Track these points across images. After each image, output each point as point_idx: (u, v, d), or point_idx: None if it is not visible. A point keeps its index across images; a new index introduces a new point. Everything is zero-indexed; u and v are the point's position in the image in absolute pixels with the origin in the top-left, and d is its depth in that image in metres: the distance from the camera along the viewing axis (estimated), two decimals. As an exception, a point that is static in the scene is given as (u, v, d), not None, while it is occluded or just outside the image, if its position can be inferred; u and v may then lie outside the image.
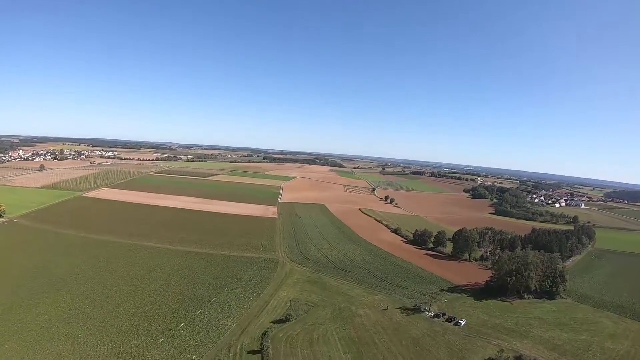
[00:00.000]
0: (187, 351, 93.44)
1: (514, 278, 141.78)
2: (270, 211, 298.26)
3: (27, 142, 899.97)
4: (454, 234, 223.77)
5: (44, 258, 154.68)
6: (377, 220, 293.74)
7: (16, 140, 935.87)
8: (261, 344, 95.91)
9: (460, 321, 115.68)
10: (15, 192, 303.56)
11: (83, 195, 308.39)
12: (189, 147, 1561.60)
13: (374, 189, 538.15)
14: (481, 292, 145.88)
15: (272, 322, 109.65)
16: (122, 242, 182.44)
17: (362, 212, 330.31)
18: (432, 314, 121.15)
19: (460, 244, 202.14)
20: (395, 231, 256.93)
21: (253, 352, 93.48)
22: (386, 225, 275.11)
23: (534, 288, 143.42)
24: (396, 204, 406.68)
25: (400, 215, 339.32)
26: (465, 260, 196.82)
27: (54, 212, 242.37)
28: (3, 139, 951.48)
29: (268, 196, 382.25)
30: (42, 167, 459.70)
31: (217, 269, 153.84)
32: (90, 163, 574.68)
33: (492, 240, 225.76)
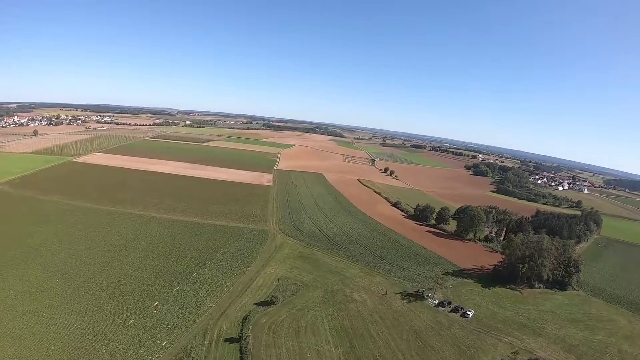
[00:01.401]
0: (158, 336, 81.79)
1: (526, 265, 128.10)
2: (265, 178, 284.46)
3: (25, 108, 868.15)
4: (458, 211, 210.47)
5: (20, 227, 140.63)
6: (376, 192, 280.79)
7: (14, 106, 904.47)
8: (241, 330, 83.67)
9: (468, 312, 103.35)
10: (3, 158, 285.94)
11: (73, 160, 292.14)
12: (189, 113, 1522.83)
13: (373, 160, 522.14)
14: (489, 278, 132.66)
15: (255, 303, 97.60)
16: (105, 210, 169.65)
17: (361, 183, 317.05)
18: (437, 302, 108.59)
19: (465, 223, 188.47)
20: (395, 205, 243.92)
21: (231, 340, 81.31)
22: (385, 198, 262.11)
23: (546, 277, 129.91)
24: (396, 176, 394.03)
25: (400, 188, 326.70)
26: (470, 240, 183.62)
27: (40, 177, 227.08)
28: (0, 105, 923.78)
29: (264, 163, 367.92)
30: (35, 133, 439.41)
31: (201, 240, 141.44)
32: (86, 128, 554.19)
33: (495, 220, 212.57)
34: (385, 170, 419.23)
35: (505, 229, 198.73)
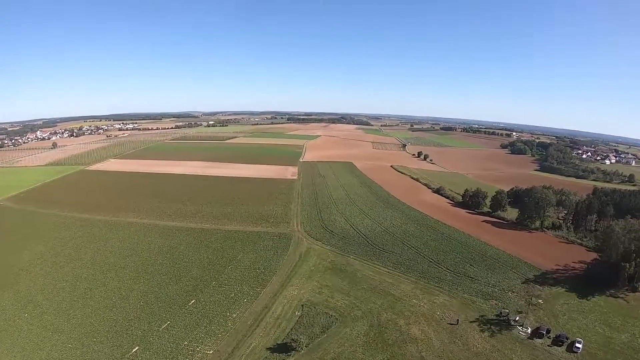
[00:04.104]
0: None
1: (634, 264, 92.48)
2: (290, 172, 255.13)
3: (50, 123, 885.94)
4: (518, 193, 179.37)
5: (7, 247, 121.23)
6: (413, 179, 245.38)
7: (39, 123, 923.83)
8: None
9: (576, 343, 69.43)
10: (16, 172, 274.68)
11: (86, 168, 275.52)
12: (213, 114, 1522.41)
13: (404, 145, 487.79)
14: (581, 283, 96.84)
15: (269, 348, 67.69)
16: (104, 220, 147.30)
17: (395, 169, 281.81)
18: (530, 331, 74.65)
19: (530, 208, 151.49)
20: (438, 191, 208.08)
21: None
22: (425, 185, 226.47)
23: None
24: (431, 160, 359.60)
25: (438, 172, 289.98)
26: (536, 230, 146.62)
27: (46, 190, 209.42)
28: (27, 122, 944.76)
29: (289, 156, 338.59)
30: (54, 145, 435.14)
31: (208, 252, 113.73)
32: (107, 137, 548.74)
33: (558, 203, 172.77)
34: (419, 154, 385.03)
35: (573, 212, 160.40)
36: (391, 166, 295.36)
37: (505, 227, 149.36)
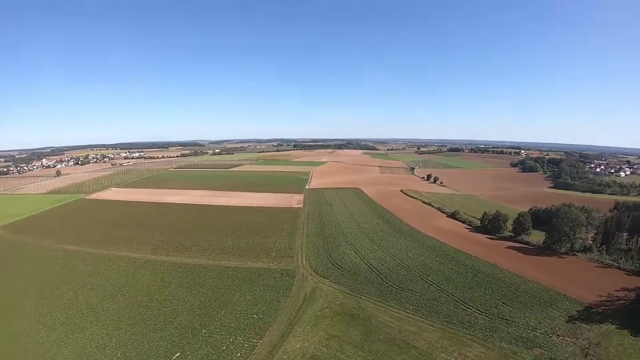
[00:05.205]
0: None
1: None
2: (295, 200, 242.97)
3: (57, 151, 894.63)
4: (543, 213, 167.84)
5: None
6: (425, 203, 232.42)
7: (47, 150, 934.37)
8: None
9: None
10: (16, 200, 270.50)
11: (86, 197, 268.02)
12: (220, 142, 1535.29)
13: (412, 169, 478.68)
14: (630, 317, 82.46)
15: None
16: (94, 254, 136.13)
17: (405, 194, 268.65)
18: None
19: (560, 231, 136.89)
20: (453, 216, 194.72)
21: None
22: (438, 209, 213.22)
23: None
24: (441, 182, 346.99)
25: (450, 195, 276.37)
26: (566, 254, 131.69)
27: (41, 219, 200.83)
28: (35, 150, 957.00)
29: (294, 183, 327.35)
30: (58, 173, 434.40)
31: (201, 292, 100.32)
32: (112, 165, 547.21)
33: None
34: (428, 177, 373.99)
35: (603, 231, 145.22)
36: (401, 190, 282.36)
37: (533, 252, 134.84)
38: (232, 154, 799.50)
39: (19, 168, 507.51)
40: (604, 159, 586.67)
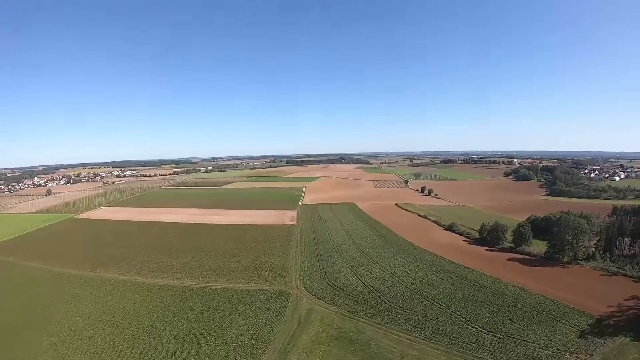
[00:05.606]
0: None
1: None
2: (288, 217, 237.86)
3: (49, 170, 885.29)
4: (544, 222, 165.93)
5: None
6: (420, 216, 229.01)
7: (39, 169, 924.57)
8: None
9: None
10: (6, 219, 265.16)
11: (75, 216, 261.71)
12: (212, 159, 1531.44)
13: (406, 181, 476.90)
14: None
15: None
16: (79, 276, 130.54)
17: (401, 207, 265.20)
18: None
19: (563, 240, 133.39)
20: (449, 228, 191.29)
21: None
22: (435, 222, 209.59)
23: None
24: (436, 194, 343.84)
25: (445, 207, 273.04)
26: (569, 264, 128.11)
27: (28, 239, 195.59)
28: (27, 169, 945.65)
29: (287, 200, 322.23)
30: (49, 192, 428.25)
31: (190, 317, 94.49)
32: (103, 183, 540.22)
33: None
34: (422, 189, 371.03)
35: (605, 237, 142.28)
36: (396, 204, 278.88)
37: (535, 264, 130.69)
38: (225, 171, 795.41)
39: (10, 187, 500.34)
40: (597, 164, 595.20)
